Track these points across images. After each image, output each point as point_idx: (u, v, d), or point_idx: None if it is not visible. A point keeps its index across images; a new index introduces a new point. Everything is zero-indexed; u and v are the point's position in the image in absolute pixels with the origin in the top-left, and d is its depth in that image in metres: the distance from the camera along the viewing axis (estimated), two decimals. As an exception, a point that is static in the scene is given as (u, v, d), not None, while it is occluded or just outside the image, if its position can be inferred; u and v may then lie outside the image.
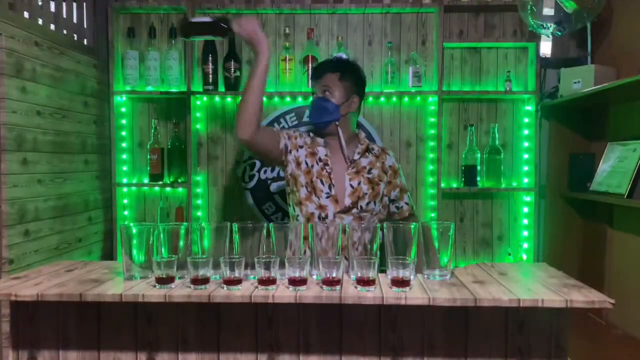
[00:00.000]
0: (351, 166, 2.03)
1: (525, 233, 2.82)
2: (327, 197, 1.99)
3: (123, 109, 2.84)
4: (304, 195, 2.00)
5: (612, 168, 2.33)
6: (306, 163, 2.02)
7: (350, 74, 2.04)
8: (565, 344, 1.37)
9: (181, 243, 1.44)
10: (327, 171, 2.01)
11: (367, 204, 2.00)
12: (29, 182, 2.13)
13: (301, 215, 2.00)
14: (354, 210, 2.00)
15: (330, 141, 2.05)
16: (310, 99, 2.09)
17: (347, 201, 1.99)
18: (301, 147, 2.05)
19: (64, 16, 2.50)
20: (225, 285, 1.32)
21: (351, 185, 2.01)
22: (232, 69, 2.73)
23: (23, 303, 1.42)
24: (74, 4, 2.59)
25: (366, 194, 2.00)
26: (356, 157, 2.05)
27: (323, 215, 1.99)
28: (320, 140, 2.06)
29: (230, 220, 1.58)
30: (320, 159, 2.03)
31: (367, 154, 2.07)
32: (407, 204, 2.14)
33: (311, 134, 2.10)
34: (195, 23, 1.99)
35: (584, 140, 2.71)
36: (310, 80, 2.04)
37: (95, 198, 2.70)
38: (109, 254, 2.79)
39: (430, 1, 2.77)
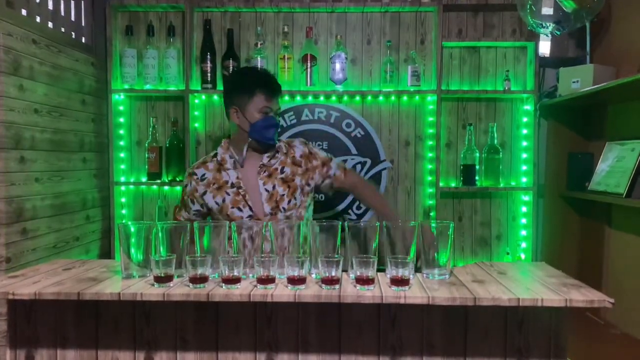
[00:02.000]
0: (262, 170, 2.02)
1: (523, 232, 2.82)
2: (250, 216, 1.99)
3: (121, 107, 2.83)
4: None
5: (611, 167, 2.33)
6: (216, 203, 2.01)
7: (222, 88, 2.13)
8: (564, 343, 1.37)
9: (179, 242, 1.43)
10: (241, 194, 1.99)
11: (289, 202, 2.00)
12: (26, 180, 2.12)
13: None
14: (279, 215, 1.99)
15: (249, 153, 2.03)
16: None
17: (267, 208, 1.98)
18: (204, 193, 2.02)
19: (62, 14, 2.49)
20: (224, 284, 1.31)
21: (266, 190, 2.00)
22: (231, 67, 2.73)
23: (20, 302, 1.41)
24: (72, 2, 2.58)
25: (283, 194, 2.00)
26: (265, 160, 2.03)
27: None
28: (228, 162, 2.03)
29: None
30: (232, 185, 2.01)
31: (276, 154, 2.05)
32: (337, 168, 2.11)
33: (218, 159, 2.04)
34: None
35: (582, 140, 2.71)
36: (270, 97, 1.99)
37: (93, 196, 2.69)
38: (107, 253, 2.78)
39: (429, 0, 2.77)
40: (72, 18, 2.58)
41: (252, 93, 1.97)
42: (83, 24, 2.68)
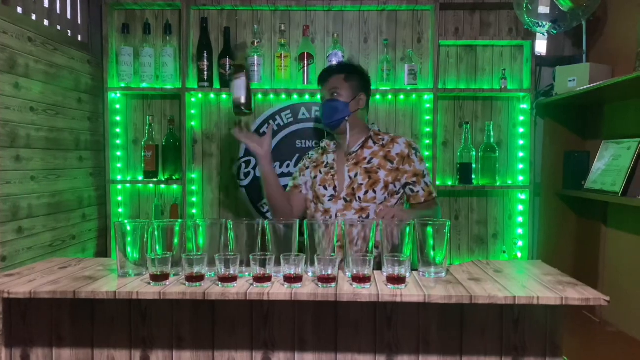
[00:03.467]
0: (351, 158, 2.10)
1: (520, 231, 2.83)
2: (330, 200, 2.08)
3: (117, 106, 2.82)
4: (312, 209, 2.14)
5: (607, 166, 2.34)
6: (311, 177, 2.18)
7: (355, 74, 2.14)
8: (559, 341, 1.37)
9: (176, 240, 1.43)
10: (331, 174, 2.11)
11: (365, 193, 2.04)
12: (22, 178, 2.11)
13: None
14: (354, 204, 2.03)
15: (342, 141, 2.14)
16: (319, 102, 2.23)
17: (343, 193, 2.06)
18: (307, 168, 2.21)
19: (58, 11, 2.48)
20: (220, 283, 1.31)
21: (349, 177, 2.07)
22: (227, 66, 2.72)
23: (16, 300, 1.41)
24: (68, 0, 2.57)
25: (362, 184, 2.04)
26: (355, 149, 2.10)
27: (327, 217, 2.06)
28: (332, 146, 2.18)
29: (225, 217, 1.58)
30: (326, 164, 2.15)
31: (370, 144, 2.12)
32: (423, 189, 2.08)
33: (323, 145, 2.22)
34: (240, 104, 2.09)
35: (578, 139, 2.71)
36: (321, 84, 2.16)
37: (90, 195, 2.68)
38: (103, 251, 2.78)
39: (426, -1, 2.77)
40: (68, 16, 2.57)
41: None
42: (79, 22, 2.67)
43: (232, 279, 1.32)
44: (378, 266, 1.46)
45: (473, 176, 2.79)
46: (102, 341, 1.42)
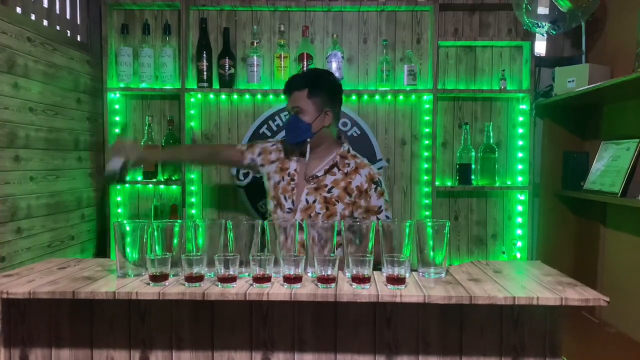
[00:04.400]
0: (312, 181, 2.00)
1: (519, 231, 2.83)
2: (289, 212, 2.01)
3: (117, 106, 2.82)
4: (272, 207, 2.08)
5: (606, 167, 2.34)
6: (274, 178, 2.08)
7: (319, 89, 1.98)
8: (559, 341, 1.37)
9: (175, 241, 1.43)
10: (291, 186, 2.03)
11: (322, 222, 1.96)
12: (21, 179, 2.11)
13: None
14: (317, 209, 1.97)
15: (313, 155, 2.03)
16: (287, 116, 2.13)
17: (298, 216, 1.97)
18: (273, 162, 2.10)
19: (57, 12, 2.48)
20: (219, 283, 1.31)
21: (306, 200, 1.99)
22: (227, 66, 2.72)
23: (15, 301, 1.41)
24: (67, 0, 2.57)
25: (319, 213, 1.96)
26: (320, 173, 2.00)
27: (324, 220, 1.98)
28: (296, 152, 2.06)
29: (224, 218, 1.58)
30: (289, 174, 2.05)
31: (334, 170, 2.00)
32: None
33: (286, 147, 2.11)
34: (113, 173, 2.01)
35: (578, 139, 2.71)
36: (286, 96, 2.05)
37: (89, 195, 2.68)
38: (102, 252, 2.77)
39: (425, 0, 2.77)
40: (68, 16, 2.57)
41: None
42: (78, 22, 2.67)
43: (232, 279, 1.32)
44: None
45: (472, 177, 2.79)
46: (101, 342, 1.42)
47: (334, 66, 2.70)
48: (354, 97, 2.81)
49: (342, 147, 2.05)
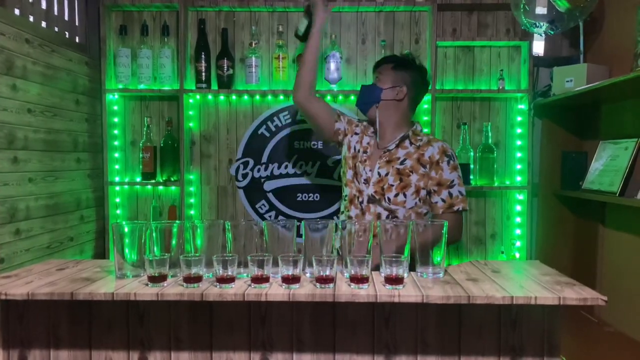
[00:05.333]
0: (384, 155, 2.03)
1: (518, 231, 2.83)
2: (365, 183, 2.03)
3: (115, 107, 2.82)
4: (350, 177, 2.09)
5: (604, 166, 2.34)
6: (354, 148, 2.11)
7: (406, 67, 2.08)
8: (557, 341, 1.37)
9: (174, 241, 1.43)
10: (366, 158, 2.07)
11: (396, 195, 1.97)
12: (19, 180, 2.11)
13: (347, 197, 2.10)
14: (384, 203, 1.99)
15: (376, 131, 2.09)
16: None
17: (371, 189, 2.01)
18: (356, 133, 2.15)
19: (56, 13, 2.48)
20: (218, 284, 1.31)
21: (379, 174, 2.02)
22: (225, 67, 2.72)
23: (13, 302, 1.41)
24: (66, 1, 2.57)
25: (392, 185, 1.98)
26: (391, 146, 2.04)
27: (360, 199, 2.03)
28: (370, 130, 2.14)
29: (223, 218, 1.57)
30: (366, 144, 2.10)
31: (406, 144, 2.04)
32: (443, 199, 1.95)
33: (365, 123, 2.18)
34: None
35: (576, 139, 2.72)
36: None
37: (87, 197, 2.68)
38: (101, 253, 2.77)
39: (424, 0, 2.77)
40: (66, 17, 2.57)
41: None
42: (77, 24, 2.67)
43: (230, 280, 1.32)
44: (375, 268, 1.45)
45: (471, 177, 2.79)
46: (100, 342, 1.42)
47: (332, 67, 2.70)
48: (352, 97, 2.81)
49: (415, 126, 2.11)
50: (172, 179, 2.77)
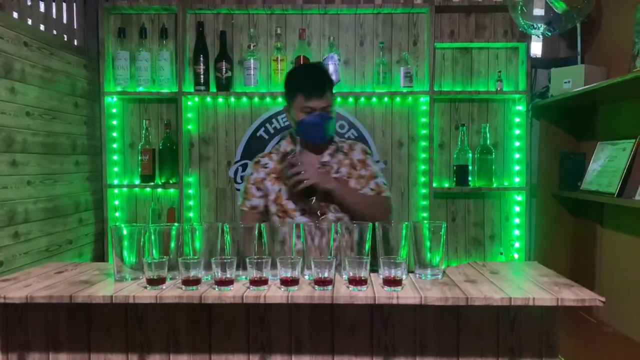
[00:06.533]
0: (321, 169, 2.00)
1: (516, 232, 2.83)
2: (302, 215, 1.96)
3: (114, 110, 2.82)
4: (292, 207, 1.97)
5: (603, 167, 2.34)
6: (273, 190, 2.00)
7: (332, 81, 2.05)
8: (556, 342, 1.37)
9: (172, 244, 1.43)
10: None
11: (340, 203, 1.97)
12: (18, 183, 2.11)
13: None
14: (330, 215, 1.95)
15: (310, 149, 2.02)
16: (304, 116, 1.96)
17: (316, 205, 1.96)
18: (264, 179, 2.02)
19: (54, 16, 2.48)
20: (216, 286, 1.31)
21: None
22: (224, 69, 2.73)
23: (12, 305, 1.41)
24: (64, 4, 2.57)
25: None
26: (326, 158, 2.03)
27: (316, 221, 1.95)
28: (297, 149, 1.98)
29: (221, 221, 1.58)
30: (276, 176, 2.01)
31: (336, 153, 2.05)
32: (372, 189, 2.02)
33: (282, 149, 2.06)
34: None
35: (574, 140, 2.72)
36: (309, 97, 1.92)
37: (86, 199, 2.68)
38: (100, 256, 2.77)
39: (422, 2, 2.78)
40: (64, 20, 2.58)
41: (293, 95, 1.97)
42: (75, 27, 2.67)
43: (229, 282, 1.32)
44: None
45: (469, 178, 2.79)
46: (98, 346, 1.42)
47: (330, 68, 2.70)
48: (350, 99, 2.82)
49: (335, 137, 2.12)
50: (170, 182, 2.77)
